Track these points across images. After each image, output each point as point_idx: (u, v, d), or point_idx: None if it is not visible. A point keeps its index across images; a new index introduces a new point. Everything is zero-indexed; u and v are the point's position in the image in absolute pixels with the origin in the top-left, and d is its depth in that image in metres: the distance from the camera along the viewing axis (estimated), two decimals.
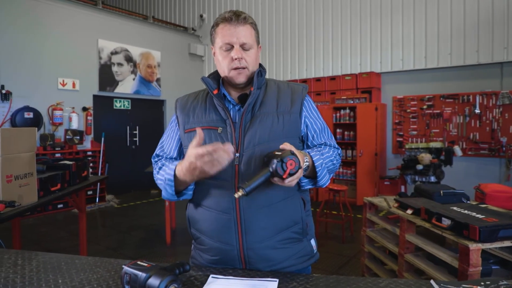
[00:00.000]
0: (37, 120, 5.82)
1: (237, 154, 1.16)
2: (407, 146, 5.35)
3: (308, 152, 1.17)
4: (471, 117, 5.69)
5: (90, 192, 6.31)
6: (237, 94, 1.26)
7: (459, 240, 1.77)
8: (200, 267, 1.17)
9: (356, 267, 3.46)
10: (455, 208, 2.09)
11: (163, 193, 1.22)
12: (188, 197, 1.26)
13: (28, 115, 5.73)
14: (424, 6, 6.09)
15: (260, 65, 1.29)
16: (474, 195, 3.45)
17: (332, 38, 7.17)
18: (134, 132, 7.84)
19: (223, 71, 1.22)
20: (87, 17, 6.77)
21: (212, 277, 1.07)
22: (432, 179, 4.83)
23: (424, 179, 4.90)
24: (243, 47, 1.19)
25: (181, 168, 1.10)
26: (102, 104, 7.14)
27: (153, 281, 0.89)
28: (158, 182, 1.26)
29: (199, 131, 1.06)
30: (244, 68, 1.19)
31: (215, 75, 1.30)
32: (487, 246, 1.72)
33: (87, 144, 6.71)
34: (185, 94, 1.40)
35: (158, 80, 8.10)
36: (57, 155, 5.89)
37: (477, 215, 1.89)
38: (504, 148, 5.39)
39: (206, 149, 0.99)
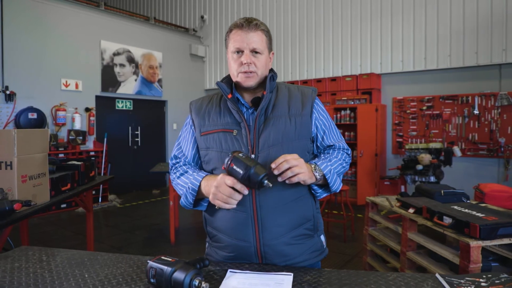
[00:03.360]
0: (40, 121, 5.88)
1: (253, 156, 1.22)
2: (407, 147, 5.42)
3: (315, 162, 1.23)
4: (470, 118, 5.77)
5: (93, 192, 6.36)
6: (250, 97, 1.31)
7: (460, 237, 1.83)
8: (218, 263, 1.24)
9: (359, 265, 3.53)
10: (455, 207, 2.16)
11: (182, 200, 1.28)
12: (203, 208, 1.31)
13: (32, 115, 5.78)
14: (424, 8, 6.17)
15: (272, 70, 1.34)
16: (474, 194, 3.53)
17: (332, 40, 7.24)
18: (136, 132, 7.90)
19: (233, 75, 1.29)
20: (90, 18, 6.83)
21: (230, 271, 1.13)
22: (432, 179, 4.91)
23: (424, 179, 4.98)
24: (253, 52, 1.25)
25: (208, 184, 1.19)
26: (104, 104, 7.20)
27: (179, 274, 0.95)
28: (178, 187, 1.31)
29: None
30: (252, 72, 1.25)
31: (228, 79, 1.35)
32: (487, 243, 1.78)
33: (90, 145, 6.77)
34: (199, 97, 1.46)
35: (159, 80, 8.16)
36: (60, 155, 5.95)
37: (477, 214, 1.96)
38: (502, 149, 5.47)
39: (233, 183, 1.10)
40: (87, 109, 6.74)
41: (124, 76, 7.43)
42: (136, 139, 7.92)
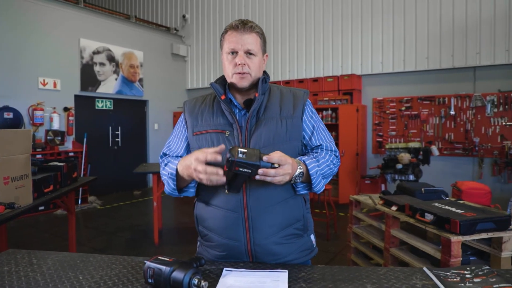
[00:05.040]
0: (17, 121, 5.69)
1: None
2: (387, 146, 5.56)
3: (304, 160, 1.24)
4: (446, 118, 5.97)
5: None
6: (242, 99, 1.34)
7: (441, 233, 1.91)
8: (213, 262, 1.25)
9: (342, 263, 3.60)
10: (436, 204, 2.25)
11: (166, 187, 1.32)
12: (189, 195, 1.34)
13: (8, 115, 5.60)
14: (402, 12, 6.34)
15: (264, 72, 1.37)
16: (451, 192, 3.67)
17: (314, 41, 7.34)
18: (117, 132, 7.77)
19: (228, 75, 1.31)
20: (69, 16, 6.67)
21: (226, 270, 1.15)
22: (411, 177, 5.05)
23: (403, 178, 5.12)
24: (247, 54, 1.27)
25: (182, 163, 1.22)
26: (84, 104, 7.04)
27: (178, 274, 0.97)
28: (163, 177, 1.33)
29: (221, 146, 1.15)
30: (246, 73, 1.27)
31: (222, 80, 1.37)
32: (466, 238, 1.87)
33: (69, 145, 6.61)
34: (193, 97, 1.46)
35: (140, 80, 8.05)
36: (38, 156, 5.78)
37: (457, 210, 2.05)
38: (477, 148, 5.69)
39: (205, 157, 1.11)
40: (66, 109, 6.58)
41: (104, 75, 7.29)
42: (117, 139, 7.78)
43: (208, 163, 1.12)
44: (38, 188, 2.43)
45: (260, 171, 1.08)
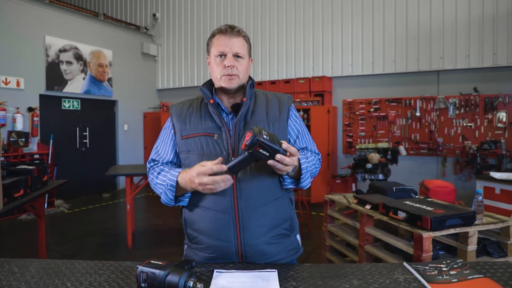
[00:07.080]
0: None
1: (232, 158, 1.26)
2: (357, 147, 5.74)
3: None
4: (412, 119, 6.26)
5: None
6: (229, 103, 1.37)
7: (414, 230, 2.02)
8: (203, 264, 1.27)
9: (318, 261, 3.68)
10: (408, 202, 2.37)
11: (162, 197, 1.31)
12: (184, 204, 1.34)
13: None
14: (371, 16, 6.57)
15: (250, 77, 1.41)
16: (419, 190, 3.86)
17: (286, 43, 7.45)
18: (84, 133, 7.51)
19: (216, 78, 1.33)
20: (33, 11, 6.37)
21: (217, 271, 1.17)
22: (380, 176, 5.25)
23: (373, 177, 5.30)
24: (235, 56, 1.31)
25: (183, 177, 1.23)
26: (49, 104, 6.76)
27: (172, 277, 0.97)
28: (157, 187, 1.33)
29: (219, 159, 1.17)
30: (235, 75, 1.30)
31: (209, 85, 1.39)
32: (436, 234, 1.99)
33: (34, 147, 6.32)
34: (180, 101, 1.47)
35: (109, 79, 7.83)
36: (1, 159, 5.48)
37: (427, 208, 2.17)
38: (440, 148, 6.00)
39: (210, 170, 1.13)
40: (30, 109, 6.28)
41: (71, 74, 7.04)
42: (85, 141, 7.52)
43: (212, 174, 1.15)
44: (8, 193, 2.33)
45: (278, 156, 1.10)
